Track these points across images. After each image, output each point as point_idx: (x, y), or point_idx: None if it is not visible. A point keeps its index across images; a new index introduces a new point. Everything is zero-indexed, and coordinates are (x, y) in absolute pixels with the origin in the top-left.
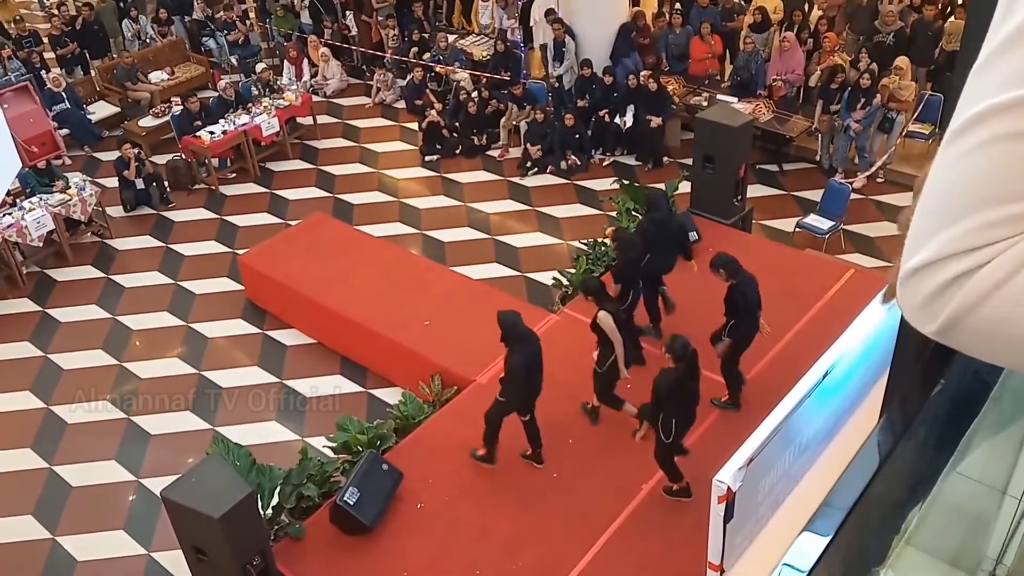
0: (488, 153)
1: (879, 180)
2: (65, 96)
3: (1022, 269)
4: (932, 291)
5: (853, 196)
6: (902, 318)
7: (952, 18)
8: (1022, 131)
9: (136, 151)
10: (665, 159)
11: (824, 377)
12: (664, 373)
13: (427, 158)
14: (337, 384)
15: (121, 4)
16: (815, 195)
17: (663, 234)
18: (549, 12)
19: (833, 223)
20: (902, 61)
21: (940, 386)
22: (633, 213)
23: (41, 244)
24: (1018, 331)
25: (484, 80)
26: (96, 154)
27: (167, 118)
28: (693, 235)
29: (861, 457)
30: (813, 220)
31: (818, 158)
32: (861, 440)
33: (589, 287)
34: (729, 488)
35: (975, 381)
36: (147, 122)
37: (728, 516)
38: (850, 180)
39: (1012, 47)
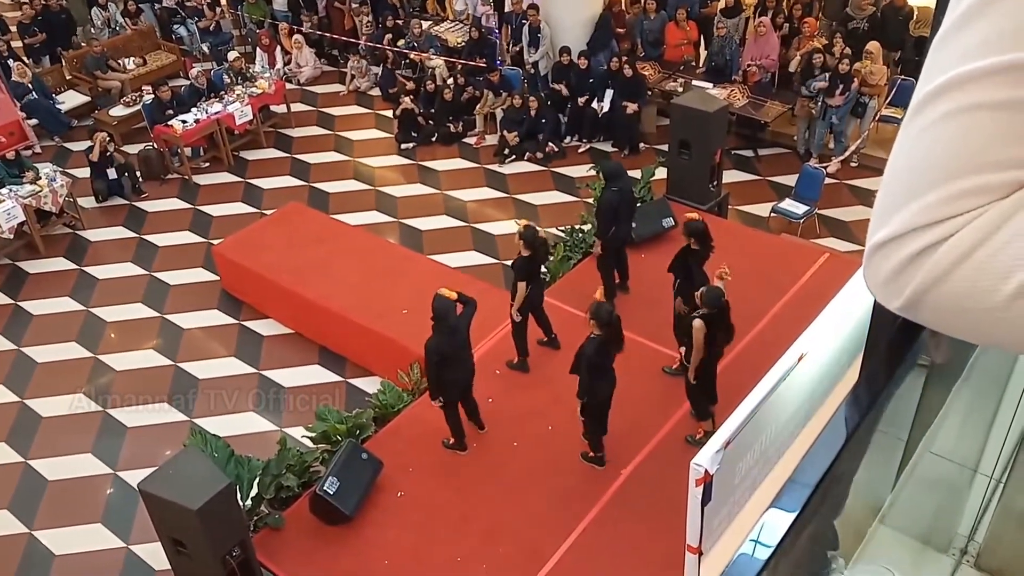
0: (464, 140)
1: (853, 164)
2: (32, 87)
3: (985, 242)
4: (896, 266)
5: (827, 181)
6: (875, 299)
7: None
8: (982, 103)
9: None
10: (641, 145)
11: (799, 360)
12: (589, 340)
13: (403, 146)
14: (315, 374)
15: None
16: (790, 180)
17: (624, 204)
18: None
19: (808, 208)
20: (873, 46)
21: (909, 365)
22: None
23: (12, 236)
24: (981, 305)
25: (459, 67)
26: (66, 144)
27: (138, 107)
28: (669, 220)
29: (827, 434)
30: (788, 205)
31: (797, 145)
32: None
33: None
34: (707, 471)
35: (946, 360)
36: (118, 111)
37: (706, 499)
38: (824, 165)
39: (970, 20)
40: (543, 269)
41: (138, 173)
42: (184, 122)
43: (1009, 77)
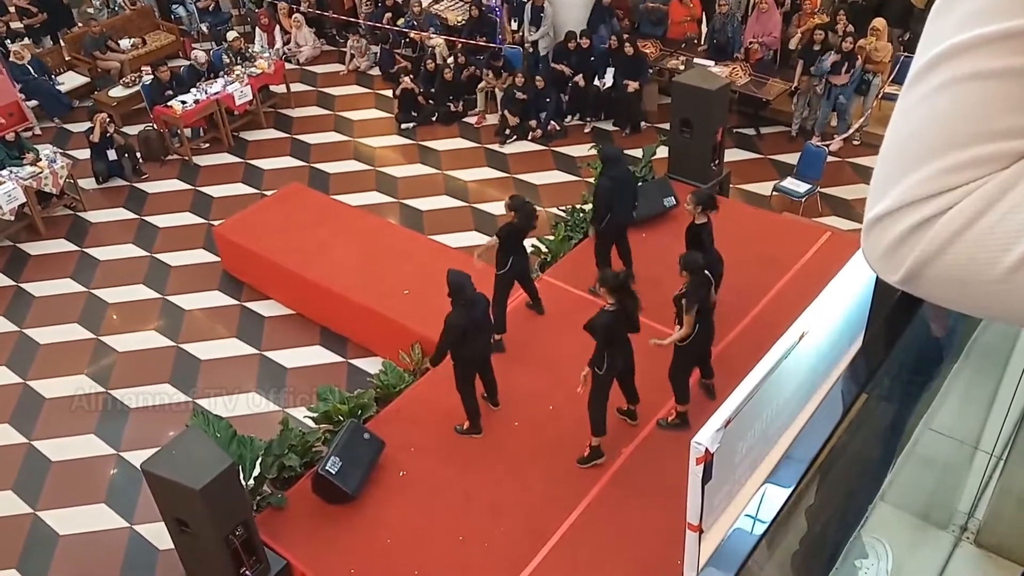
0: (465, 120)
1: (855, 143)
2: (31, 68)
3: (985, 214)
4: (895, 239)
5: (829, 159)
6: (877, 277)
7: None
8: (980, 71)
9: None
10: (643, 124)
11: (801, 339)
12: (602, 311)
13: (403, 126)
14: (317, 354)
15: None
16: (792, 159)
17: (621, 190)
18: None
19: (810, 186)
20: (879, 22)
21: (909, 341)
22: None
23: (13, 218)
24: (981, 277)
25: (459, 45)
26: (66, 125)
27: (138, 88)
28: (671, 200)
29: (825, 411)
30: (790, 183)
31: (793, 129)
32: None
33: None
34: (707, 450)
35: (945, 337)
36: (117, 92)
37: (706, 477)
38: (826, 143)
39: None
40: (544, 249)
41: (138, 154)
42: (184, 103)
43: (1008, 45)
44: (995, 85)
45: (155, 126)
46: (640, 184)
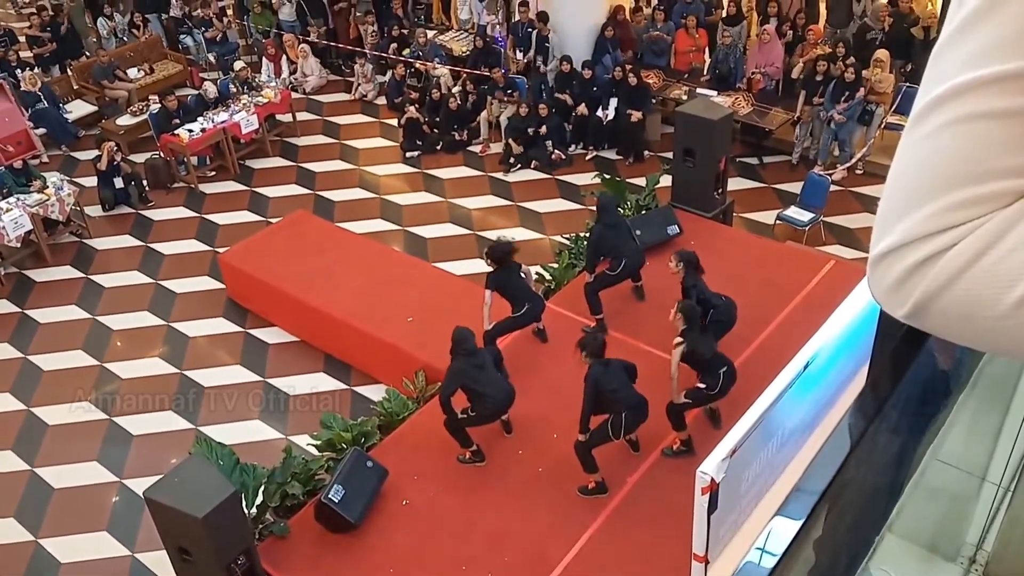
0: (469, 149)
1: (858, 172)
2: (42, 95)
3: (988, 250)
4: (900, 275)
5: (832, 188)
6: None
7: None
8: (983, 112)
9: (114, 148)
10: (646, 153)
11: (805, 368)
12: (589, 371)
13: (408, 154)
14: (320, 382)
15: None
16: (795, 187)
17: (620, 236)
18: (542, 14)
19: (813, 215)
20: (882, 53)
21: (916, 372)
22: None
23: (19, 245)
24: (987, 312)
25: (465, 75)
26: (73, 153)
27: (145, 116)
28: (674, 228)
29: (834, 443)
30: (793, 212)
31: (793, 158)
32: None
33: (686, 310)
34: (712, 479)
35: (952, 367)
36: (125, 121)
37: (712, 507)
38: (829, 172)
39: (970, 28)
40: (548, 277)
41: (144, 182)
42: (190, 131)
43: (1010, 86)
44: (996, 125)
45: (162, 154)
46: (643, 212)
